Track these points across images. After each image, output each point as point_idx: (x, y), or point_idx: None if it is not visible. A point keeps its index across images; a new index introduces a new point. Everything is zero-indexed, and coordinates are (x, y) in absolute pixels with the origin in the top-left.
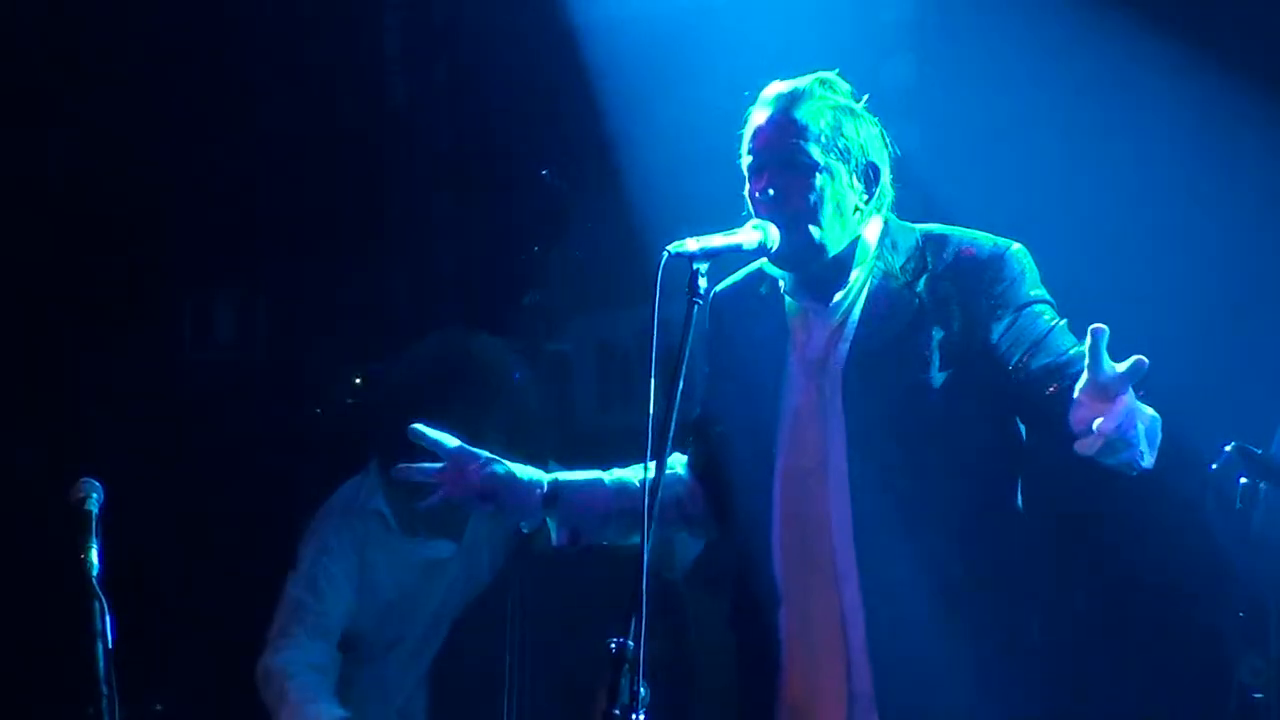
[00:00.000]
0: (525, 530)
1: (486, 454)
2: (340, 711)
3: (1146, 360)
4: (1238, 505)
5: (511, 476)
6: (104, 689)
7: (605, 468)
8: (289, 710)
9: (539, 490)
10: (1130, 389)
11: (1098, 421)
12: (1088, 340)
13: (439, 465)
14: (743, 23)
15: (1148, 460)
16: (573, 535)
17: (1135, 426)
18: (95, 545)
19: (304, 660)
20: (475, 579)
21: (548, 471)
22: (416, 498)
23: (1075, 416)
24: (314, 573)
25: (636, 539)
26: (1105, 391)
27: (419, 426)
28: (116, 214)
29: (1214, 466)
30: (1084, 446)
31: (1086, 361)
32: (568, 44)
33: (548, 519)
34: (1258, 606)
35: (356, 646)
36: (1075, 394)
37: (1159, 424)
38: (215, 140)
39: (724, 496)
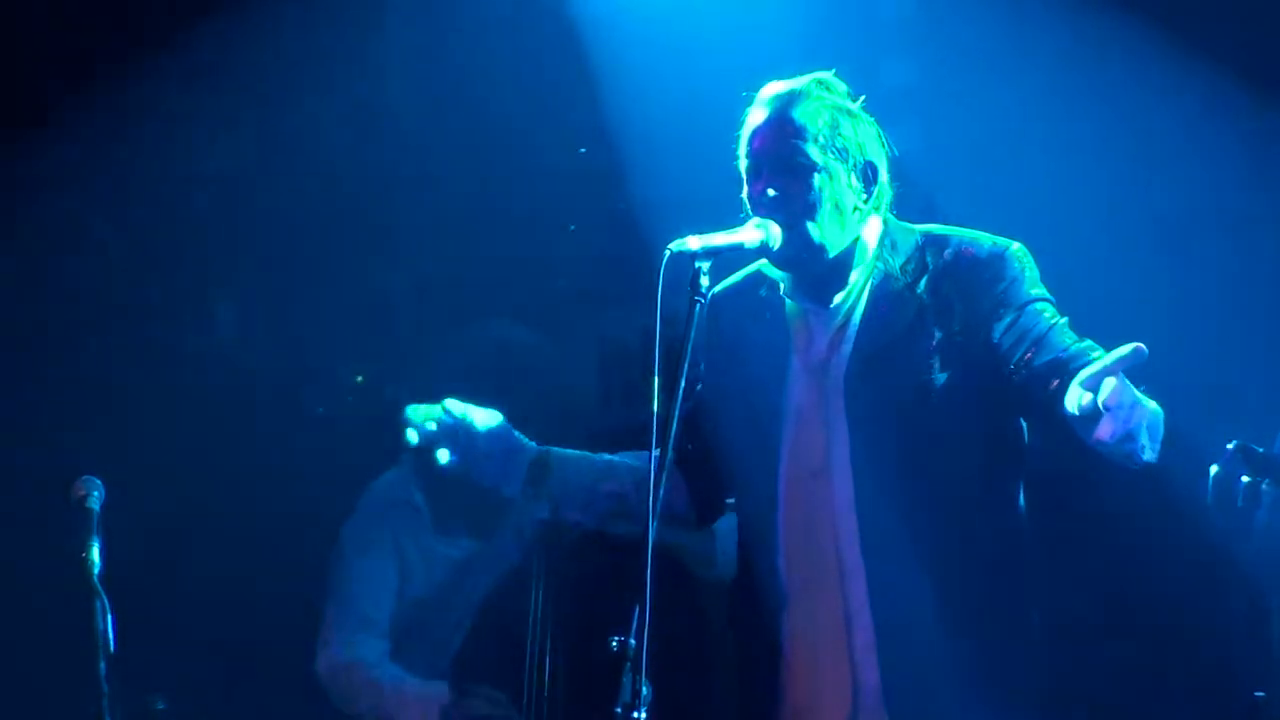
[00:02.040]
0: (507, 494)
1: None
2: (441, 683)
3: (1145, 348)
4: (1239, 504)
5: (508, 433)
6: (105, 687)
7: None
8: (387, 695)
9: (528, 453)
10: (1132, 386)
11: (1105, 426)
12: (1125, 350)
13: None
14: (744, 21)
15: (1149, 454)
16: (554, 508)
17: (1139, 420)
18: (96, 543)
19: (374, 650)
20: (503, 576)
21: None
22: (454, 491)
23: (1070, 403)
24: (360, 566)
25: (620, 527)
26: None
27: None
28: (117, 211)
29: (1216, 465)
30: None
31: (1104, 364)
32: (569, 41)
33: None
34: (1260, 605)
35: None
36: (1073, 381)
37: (1161, 418)
38: (215, 138)
39: (713, 494)
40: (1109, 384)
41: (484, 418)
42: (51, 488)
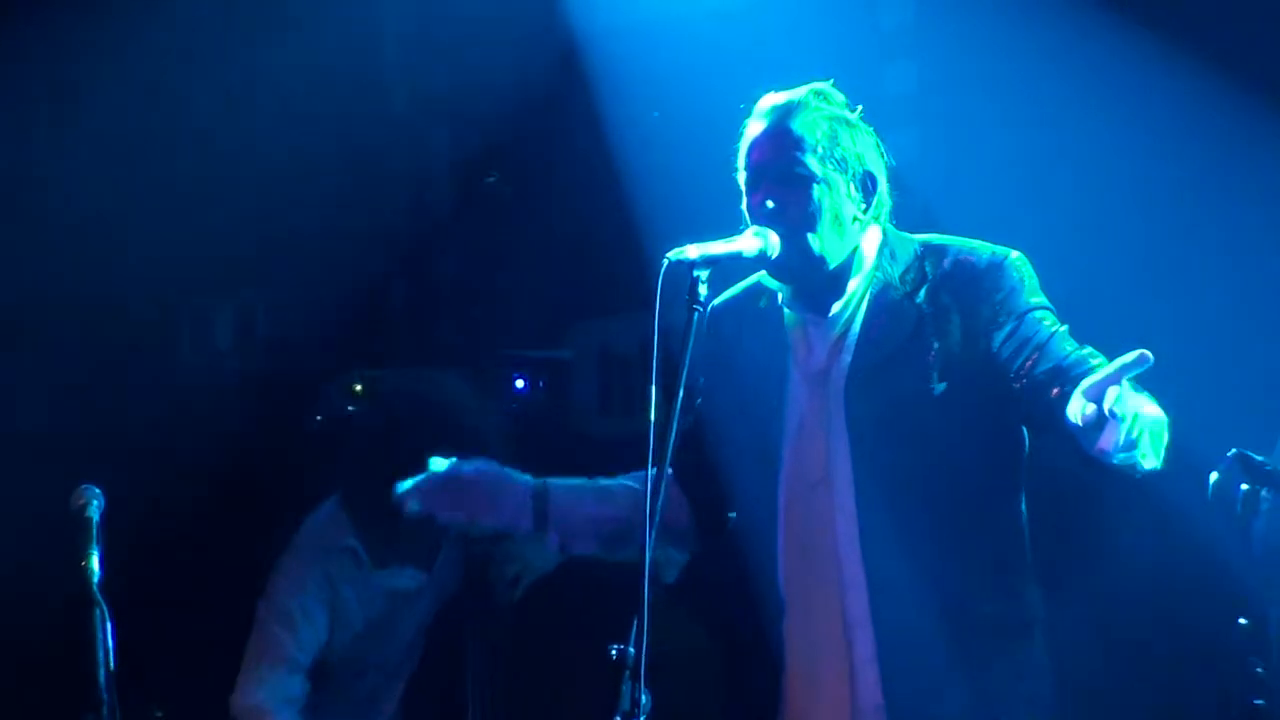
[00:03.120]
0: (517, 537)
1: (474, 460)
2: None
3: (1150, 355)
4: (1238, 511)
5: (503, 473)
6: (104, 696)
7: (594, 479)
8: None
9: (528, 486)
10: (1134, 391)
11: (1107, 436)
12: (1129, 357)
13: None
14: (743, 30)
15: (1153, 461)
16: (562, 542)
17: (1142, 428)
18: (96, 552)
19: (280, 696)
20: (446, 603)
21: None
22: (388, 529)
23: (1071, 412)
24: (289, 608)
25: (624, 552)
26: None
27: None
28: (115, 219)
29: (1215, 473)
30: (1101, 438)
31: (1107, 372)
32: (571, 49)
33: (537, 526)
34: (1259, 614)
35: (328, 675)
36: (1076, 390)
37: (1165, 425)
38: (216, 143)
39: (714, 508)
40: (1112, 392)
41: (473, 466)
42: (51, 496)
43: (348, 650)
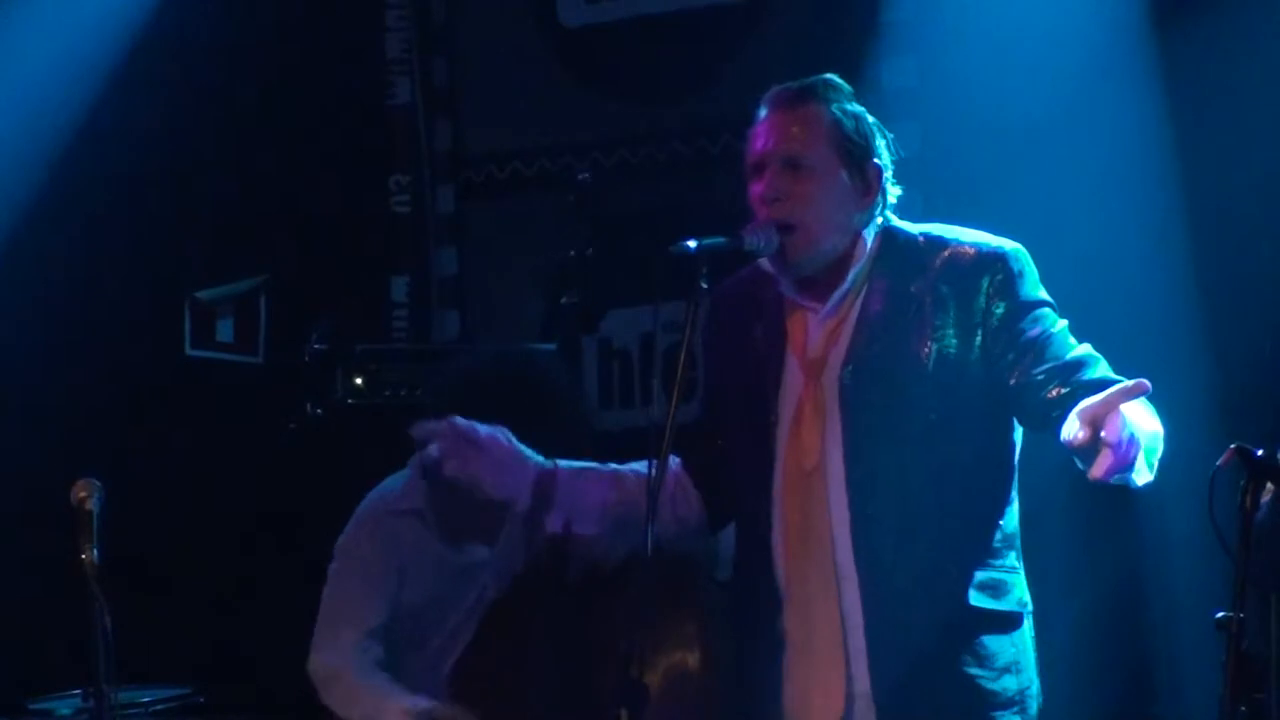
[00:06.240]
0: (519, 510)
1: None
2: (425, 701)
3: (1148, 383)
4: (1239, 506)
5: (515, 446)
6: (103, 689)
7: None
8: (365, 702)
9: (535, 466)
10: (1130, 419)
11: (1101, 463)
12: (1127, 384)
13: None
14: (743, 24)
15: (1146, 477)
16: (566, 523)
17: (1136, 453)
18: (96, 545)
19: (363, 655)
20: (507, 580)
21: None
22: (465, 502)
23: (1067, 433)
24: (358, 573)
25: (629, 538)
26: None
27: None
28: (119, 212)
29: (1216, 467)
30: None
31: (1103, 398)
32: (570, 46)
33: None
34: (1258, 607)
35: (391, 643)
36: (1073, 412)
37: (1160, 438)
38: (217, 141)
39: (726, 500)
40: (1110, 421)
41: (489, 431)
42: (51, 488)
43: (404, 621)
